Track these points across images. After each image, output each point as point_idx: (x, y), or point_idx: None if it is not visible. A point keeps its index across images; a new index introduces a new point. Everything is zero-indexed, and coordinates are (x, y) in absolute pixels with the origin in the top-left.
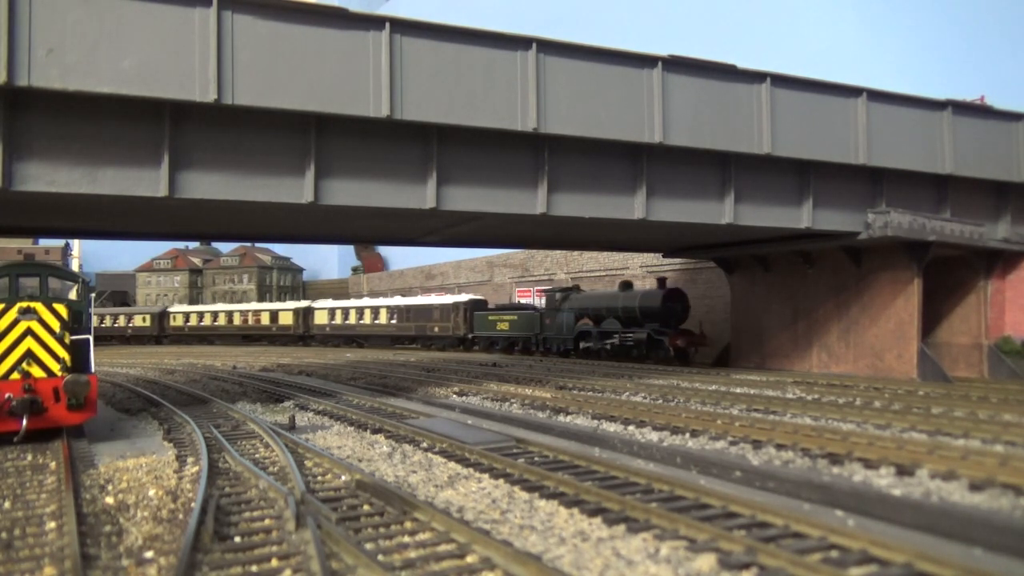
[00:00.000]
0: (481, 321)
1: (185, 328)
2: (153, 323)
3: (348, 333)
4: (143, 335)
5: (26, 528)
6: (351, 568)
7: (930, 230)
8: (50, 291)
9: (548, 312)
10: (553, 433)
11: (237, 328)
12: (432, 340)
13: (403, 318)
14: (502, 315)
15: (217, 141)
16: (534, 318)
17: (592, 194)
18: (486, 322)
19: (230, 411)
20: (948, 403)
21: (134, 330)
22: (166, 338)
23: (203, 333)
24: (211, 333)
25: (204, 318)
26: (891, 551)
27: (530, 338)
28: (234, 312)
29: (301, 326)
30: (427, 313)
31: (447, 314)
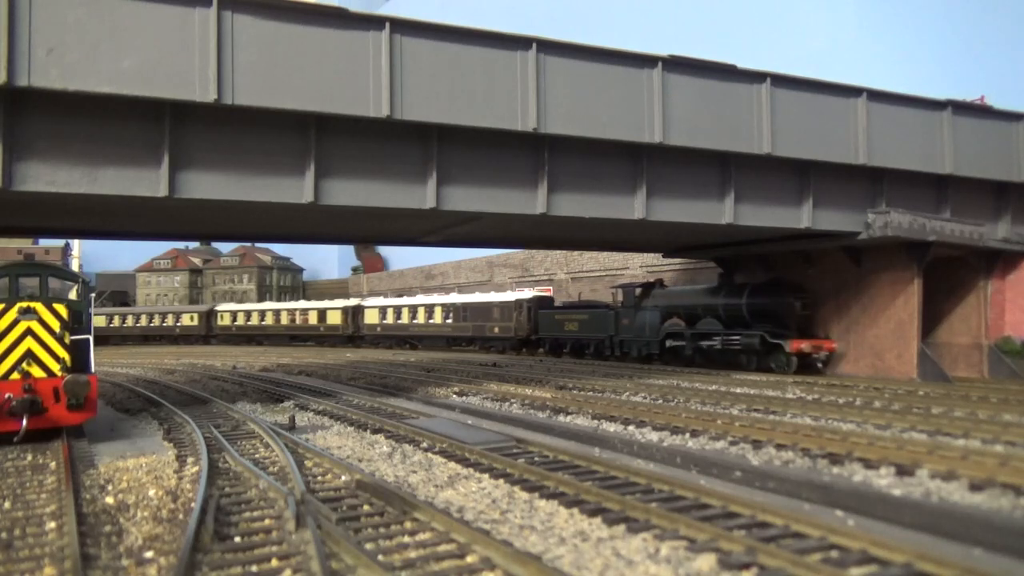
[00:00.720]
0: (547, 321)
1: (232, 328)
2: (201, 322)
3: (400, 334)
4: (191, 334)
5: (26, 528)
6: (351, 568)
7: (930, 230)
8: (50, 291)
9: (625, 311)
10: (553, 433)
11: (285, 328)
12: (492, 342)
13: (460, 317)
14: (570, 314)
15: (217, 141)
16: (607, 317)
17: (592, 194)
18: (552, 322)
19: (230, 411)
20: (948, 403)
21: (183, 329)
22: (214, 338)
23: (251, 333)
24: (258, 333)
25: (252, 317)
26: (891, 551)
27: (603, 340)
28: (281, 311)
29: (350, 326)
30: (486, 312)
31: (508, 313)
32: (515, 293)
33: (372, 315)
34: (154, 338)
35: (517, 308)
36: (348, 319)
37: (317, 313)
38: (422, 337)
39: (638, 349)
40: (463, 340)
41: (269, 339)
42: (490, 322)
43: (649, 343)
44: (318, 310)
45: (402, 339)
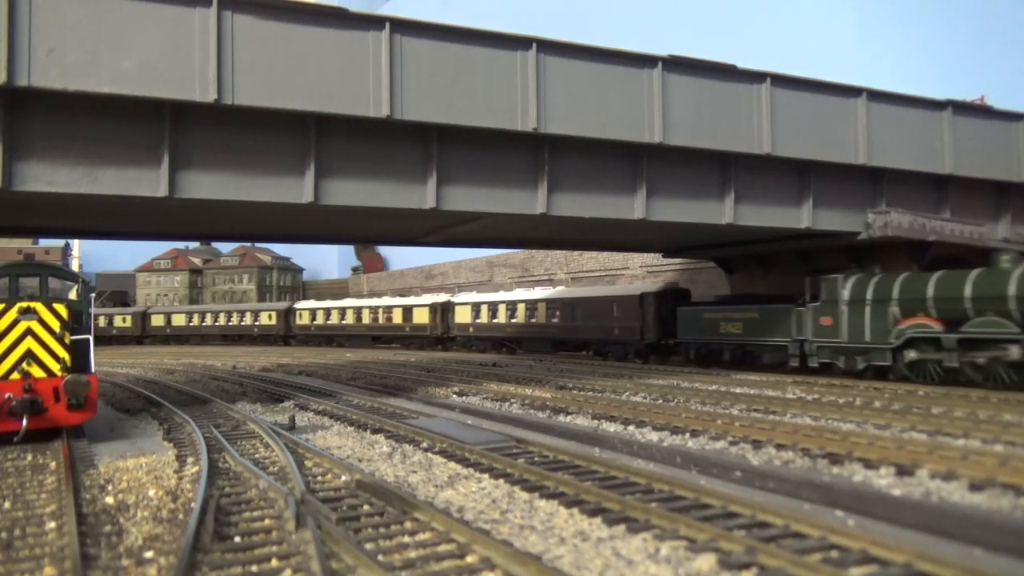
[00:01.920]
0: (690, 320)
1: (311, 327)
2: (280, 321)
3: (496, 335)
4: (270, 334)
5: (26, 528)
6: (351, 568)
7: (930, 230)
8: (50, 291)
9: (825, 306)
10: (553, 433)
11: (366, 328)
12: (611, 345)
13: (569, 315)
14: (730, 311)
15: (217, 141)
16: (791, 316)
17: (592, 194)
18: (699, 321)
19: (230, 411)
20: (948, 403)
21: (261, 329)
22: (293, 338)
23: (331, 333)
24: (338, 333)
25: (331, 315)
26: (891, 551)
27: (785, 347)
28: (363, 309)
29: (439, 326)
30: (602, 309)
31: (631, 310)
32: (642, 284)
33: (464, 313)
34: (232, 338)
35: (643, 303)
36: (437, 318)
37: (402, 311)
38: (523, 339)
39: (850, 360)
40: (574, 343)
41: (350, 340)
42: (609, 322)
43: (872, 352)
44: (403, 308)
45: (499, 341)
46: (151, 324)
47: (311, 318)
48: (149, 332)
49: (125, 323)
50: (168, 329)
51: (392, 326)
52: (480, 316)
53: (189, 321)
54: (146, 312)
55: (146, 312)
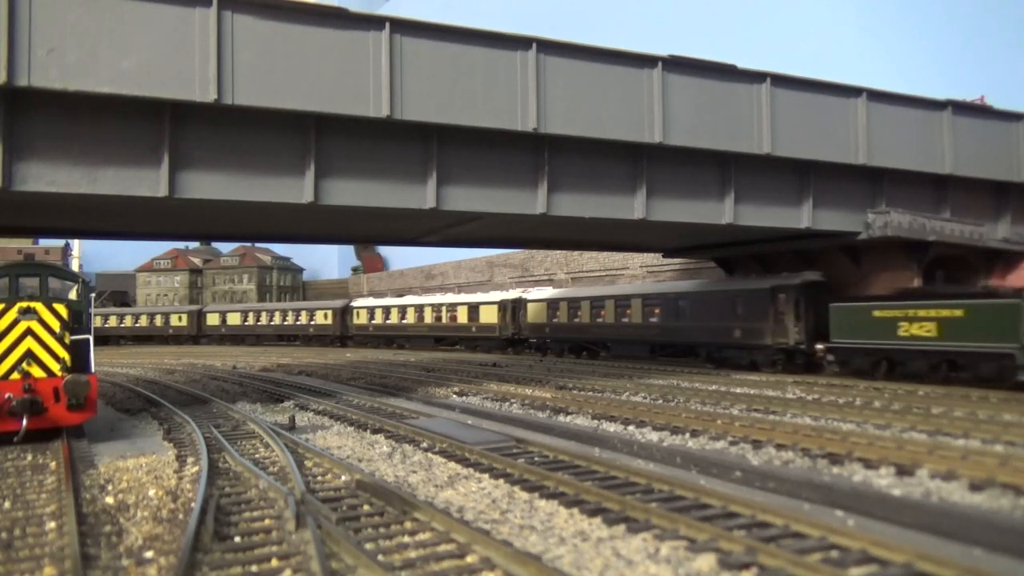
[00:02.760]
0: (848, 319)
1: (370, 327)
2: (336, 320)
3: (577, 336)
4: (325, 334)
5: (26, 528)
6: (351, 568)
7: (930, 230)
8: (50, 291)
9: None
10: (553, 433)
11: (428, 328)
12: (730, 349)
13: (672, 314)
14: (916, 308)
15: (217, 141)
16: (1017, 313)
17: (592, 194)
18: (865, 322)
19: (230, 411)
20: (948, 403)
21: (317, 329)
22: (350, 339)
23: (390, 334)
24: (399, 334)
25: (391, 315)
26: (891, 551)
27: (1011, 355)
28: (425, 307)
29: (509, 325)
30: (721, 306)
31: (759, 305)
32: (773, 277)
33: (538, 311)
34: (288, 338)
35: (773, 298)
36: (506, 317)
37: (467, 309)
38: (611, 341)
39: None
40: (678, 347)
41: (411, 342)
42: (728, 321)
43: None
44: (468, 305)
45: (581, 344)
46: (207, 323)
47: (369, 317)
48: (205, 331)
49: (181, 322)
50: (223, 328)
51: (457, 326)
52: (558, 315)
53: (244, 320)
54: (201, 311)
55: (201, 311)
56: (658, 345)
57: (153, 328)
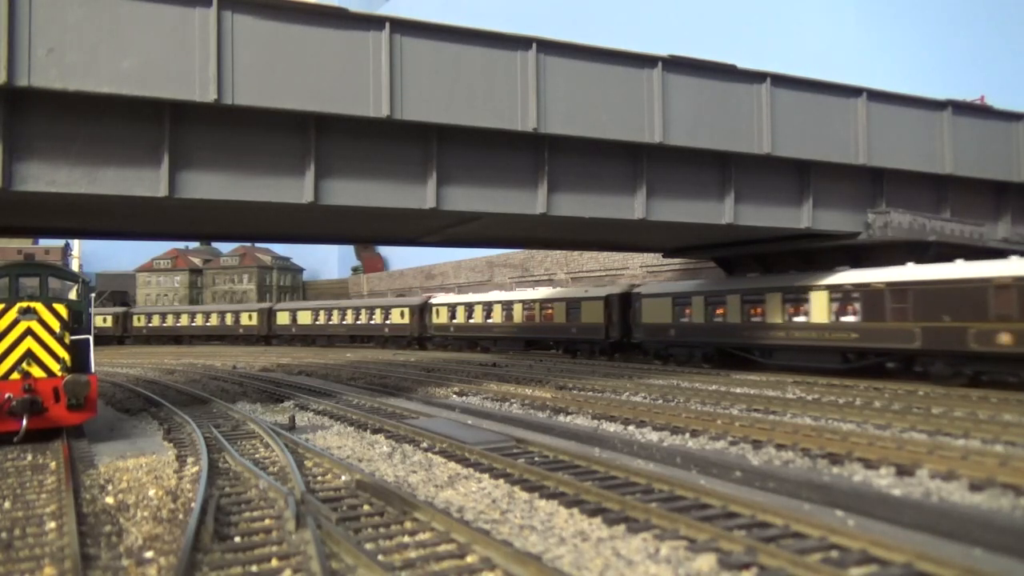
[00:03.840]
0: None
1: (451, 327)
2: (413, 319)
3: (721, 340)
4: (401, 335)
5: (26, 528)
6: (351, 568)
7: (930, 230)
8: (50, 291)
9: None
10: (553, 433)
11: (517, 328)
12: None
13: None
14: None
15: (217, 141)
16: None
17: (592, 194)
18: None
19: (230, 411)
20: (948, 403)
21: (392, 328)
22: (429, 340)
23: (474, 335)
24: (484, 335)
25: (474, 313)
26: (891, 551)
27: None
28: (514, 304)
29: (616, 326)
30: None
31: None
32: (997, 263)
33: (654, 309)
34: (363, 339)
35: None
36: (610, 315)
37: (565, 307)
38: (772, 348)
39: None
40: (875, 355)
41: (498, 344)
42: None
43: None
44: (567, 302)
45: (727, 349)
46: (277, 322)
47: (450, 315)
48: (275, 331)
49: (252, 320)
50: (294, 328)
51: (553, 326)
52: (686, 313)
53: (315, 319)
54: (272, 309)
55: (272, 309)
56: (853, 353)
57: (223, 327)
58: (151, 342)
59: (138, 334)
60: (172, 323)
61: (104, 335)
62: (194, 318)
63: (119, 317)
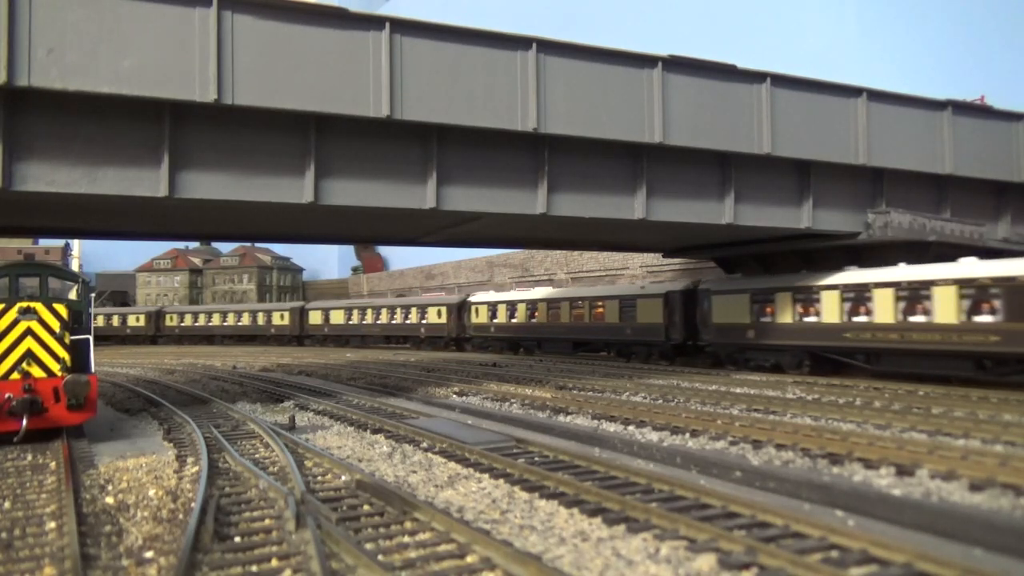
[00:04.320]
0: None
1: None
2: (451, 319)
3: (807, 342)
4: (438, 335)
5: (26, 528)
6: (351, 568)
7: (930, 230)
8: (50, 291)
9: None
10: (553, 433)
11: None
12: None
13: None
14: None
15: (217, 141)
16: None
17: (592, 194)
18: None
19: (230, 411)
20: (948, 403)
21: (428, 329)
22: (467, 341)
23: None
24: (526, 336)
25: (516, 312)
26: (891, 551)
27: None
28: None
29: (678, 326)
30: None
31: None
32: None
33: (730, 306)
34: (397, 339)
35: None
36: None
37: (618, 305)
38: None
39: None
40: None
41: (544, 346)
42: None
43: None
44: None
45: (812, 352)
46: (309, 322)
47: (490, 314)
48: (308, 331)
49: (283, 320)
50: (326, 328)
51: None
52: (770, 311)
53: (348, 319)
54: (304, 308)
55: (304, 308)
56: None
57: (255, 327)
58: (183, 342)
59: (170, 333)
60: (204, 323)
61: (138, 335)
62: (226, 317)
63: (152, 316)
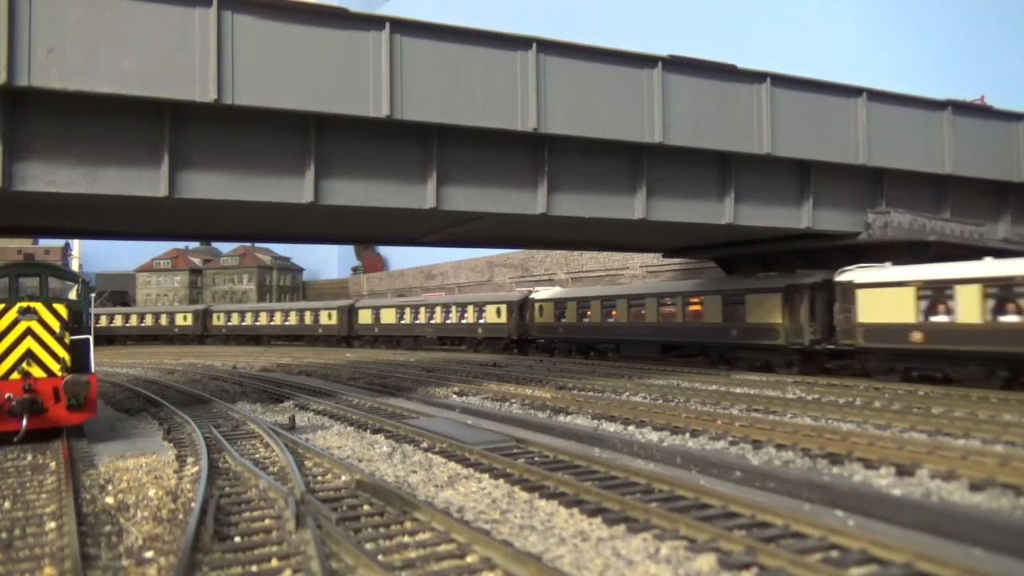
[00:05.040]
0: None
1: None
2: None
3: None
4: (497, 336)
5: (26, 528)
6: (351, 568)
7: (930, 230)
8: (50, 291)
9: None
10: (553, 433)
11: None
12: None
13: None
14: None
15: (217, 141)
16: None
17: (592, 194)
18: None
19: (230, 411)
20: (948, 403)
21: (486, 329)
22: (531, 343)
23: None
24: (602, 337)
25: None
26: (891, 551)
27: None
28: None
29: (805, 327)
30: None
31: None
32: None
33: (884, 304)
34: (453, 341)
35: None
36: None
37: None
38: None
39: None
40: None
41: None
42: None
43: None
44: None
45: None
46: (358, 321)
47: (557, 315)
48: (357, 331)
49: (331, 320)
50: (376, 328)
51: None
52: (943, 308)
53: (400, 318)
54: (353, 307)
55: (353, 307)
56: None
57: (303, 327)
58: (230, 341)
59: (217, 333)
60: (251, 322)
61: (185, 334)
62: (273, 317)
63: (199, 315)
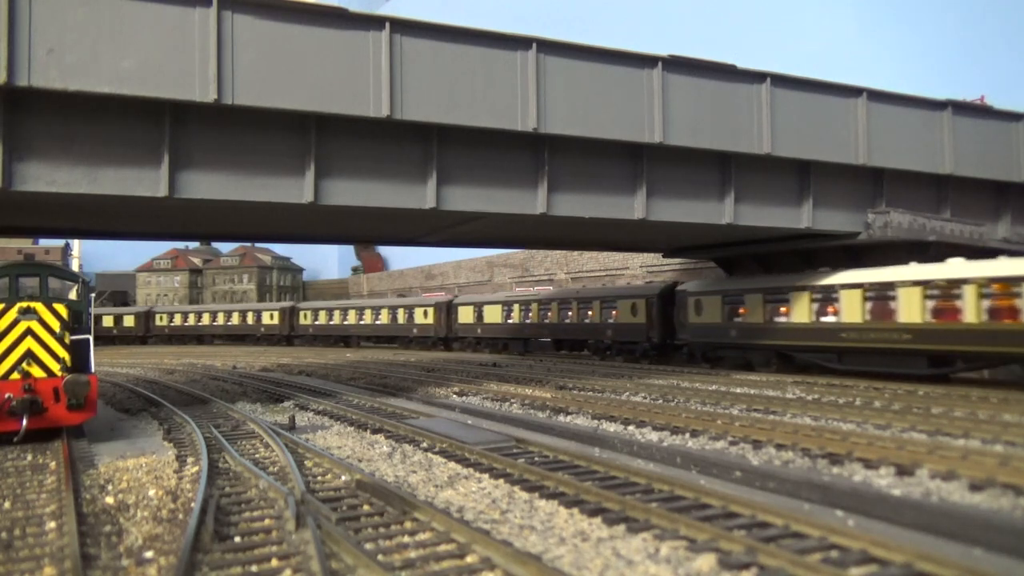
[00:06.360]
0: None
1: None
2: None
3: None
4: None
5: (26, 528)
6: (351, 568)
7: (930, 230)
8: (50, 291)
9: None
10: (553, 433)
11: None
12: None
13: None
14: None
15: (217, 141)
16: None
17: (592, 194)
18: None
19: (230, 411)
20: (948, 403)
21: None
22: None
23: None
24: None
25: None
26: (891, 551)
27: None
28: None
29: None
30: None
31: None
32: None
33: None
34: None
35: None
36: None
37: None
38: None
39: None
40: None
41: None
42: None
43: None
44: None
45: None
46: (458, 321)
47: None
48: (456, 332)
49: (427, 319)
50: (479, 328)
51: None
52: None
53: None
54: (452, 303)
55: (452, 303)
56: None
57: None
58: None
59: (304, 333)
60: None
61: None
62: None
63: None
